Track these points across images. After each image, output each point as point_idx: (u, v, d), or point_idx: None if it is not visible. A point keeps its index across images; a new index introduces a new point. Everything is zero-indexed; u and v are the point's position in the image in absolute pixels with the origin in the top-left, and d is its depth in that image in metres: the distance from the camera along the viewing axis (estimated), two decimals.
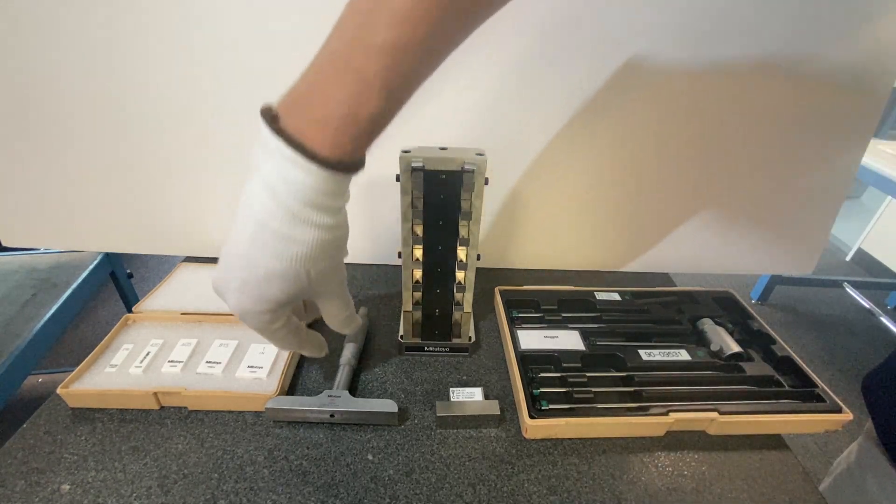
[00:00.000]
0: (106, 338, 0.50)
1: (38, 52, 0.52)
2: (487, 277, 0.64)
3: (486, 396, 0.46)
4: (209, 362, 0.47)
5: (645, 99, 0.55)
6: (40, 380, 1.35)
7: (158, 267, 1.96)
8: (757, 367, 0.49)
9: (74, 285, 0.89)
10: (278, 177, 0.28)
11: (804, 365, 0.49)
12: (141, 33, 0.51)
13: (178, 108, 0.55)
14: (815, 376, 0.48)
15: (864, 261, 2.35)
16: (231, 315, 0.53)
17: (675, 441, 0.44)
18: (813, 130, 0.58)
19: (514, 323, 0.54)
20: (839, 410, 0.44)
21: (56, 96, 0.54)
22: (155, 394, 0.44)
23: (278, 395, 0.45)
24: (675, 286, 0.66)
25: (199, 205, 0.63)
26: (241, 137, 0.57)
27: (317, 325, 0.45)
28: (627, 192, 0.62)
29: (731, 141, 0.59)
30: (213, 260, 0.65)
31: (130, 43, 0.51)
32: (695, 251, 0.68)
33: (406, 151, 0.41)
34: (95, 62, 0.52)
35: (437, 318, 0.50)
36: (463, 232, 0.44)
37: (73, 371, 0.45)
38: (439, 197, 0.42)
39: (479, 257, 0.46)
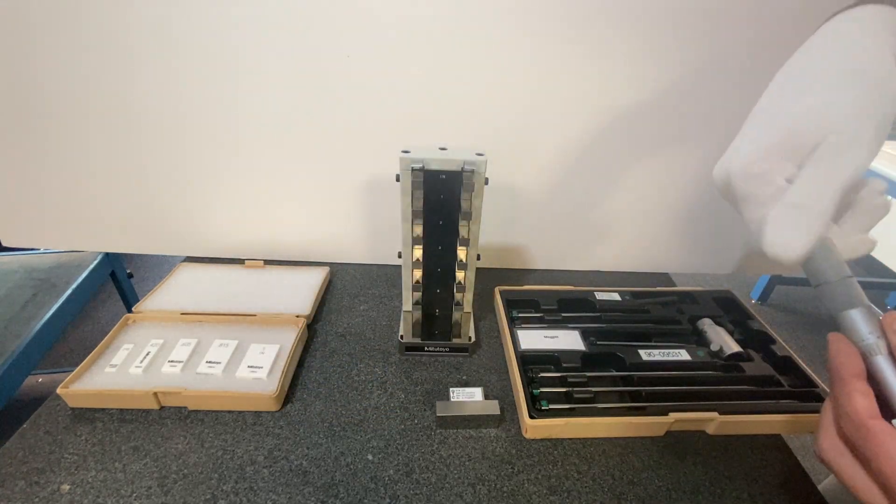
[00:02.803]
0: (106, 338, 0.50)
1: (38, 52, 0.52)
2: (487, 277, 0.64)
3: (486, 396, 0.46)
4: (209, 362, 0.47)
5: (645, 99, 0.55)
6: (40, 380, 1.35)
7: (158, 267, 1.96)
8: (757, 367, 0.49)
9: (74, 285, 0.89)
10: None
11: (804, 365, 0.49)
12: (142, 34, 0.51)
13: (178, 109, 0.55)
14: (815, 376, 0.48)
15: (864, 261, 2.35)
16: (231, 315, 0.54)
17: (675, 441, 0.44)
18: None
19: (514, 323, 0.54)
20: None
21: (56, 97, 0.54)
22: (155, 394, 0.44)
23: (278, 395, 0.44)
24: (675, 286, 0.66)
25: (199, 205, 0.63)
26: (240, 137, 0.58)
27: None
28: (627, 192, 0.62)
29: (731, 141, 0.59)
30: (213, 260, 0.66)
31: (131, 44, 0.51)
32: (695, 251, 0.68)
33: (406, 151, 0.41)
34: (95, 63, 0.52)
35: (437, 318, 0.50)
36: (463, 232, 0.44)
37: (73, 371, 0.45)
38: (439, 197, 0.42)
39: (479, 257, 0.46)
